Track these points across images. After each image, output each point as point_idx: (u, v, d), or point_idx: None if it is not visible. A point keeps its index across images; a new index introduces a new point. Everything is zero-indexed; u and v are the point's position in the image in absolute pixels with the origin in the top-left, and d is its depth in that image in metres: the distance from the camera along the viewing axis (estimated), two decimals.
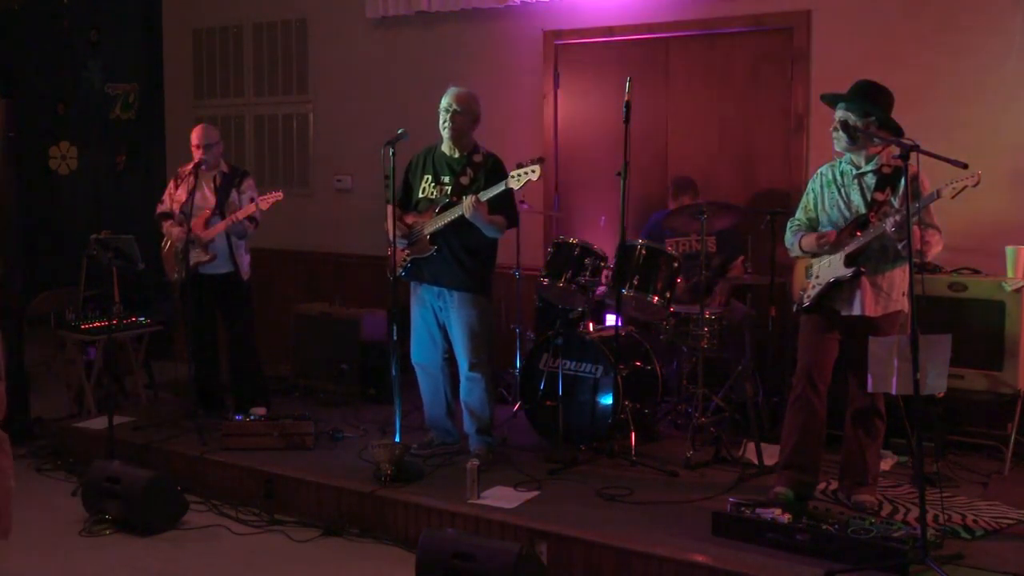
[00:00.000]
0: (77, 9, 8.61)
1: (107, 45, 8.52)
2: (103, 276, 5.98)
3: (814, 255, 4.23)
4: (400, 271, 4.86)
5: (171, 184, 5.76)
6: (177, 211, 5.58)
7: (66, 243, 8.40)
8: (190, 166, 5.61)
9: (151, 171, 8.28)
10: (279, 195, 5.39)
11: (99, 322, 6.21)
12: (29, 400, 5.93)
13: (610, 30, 6.15)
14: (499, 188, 4.58)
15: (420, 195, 4.87)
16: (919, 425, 3.65)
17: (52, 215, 8.92)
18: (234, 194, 5.58)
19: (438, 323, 4.91)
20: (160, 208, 5.73)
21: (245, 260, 5.68)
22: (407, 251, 4.82)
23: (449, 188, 4.77)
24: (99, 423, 5.48)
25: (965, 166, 3.63)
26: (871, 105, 4.02)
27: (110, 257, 5.36)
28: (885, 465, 4.72)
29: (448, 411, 5.05)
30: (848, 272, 4.04)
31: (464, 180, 4.75)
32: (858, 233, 4.02)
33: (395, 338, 4.79)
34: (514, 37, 6.49)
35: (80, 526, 4.56)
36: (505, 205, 4.71)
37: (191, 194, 5.42)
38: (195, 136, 5.58)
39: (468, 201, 4.55)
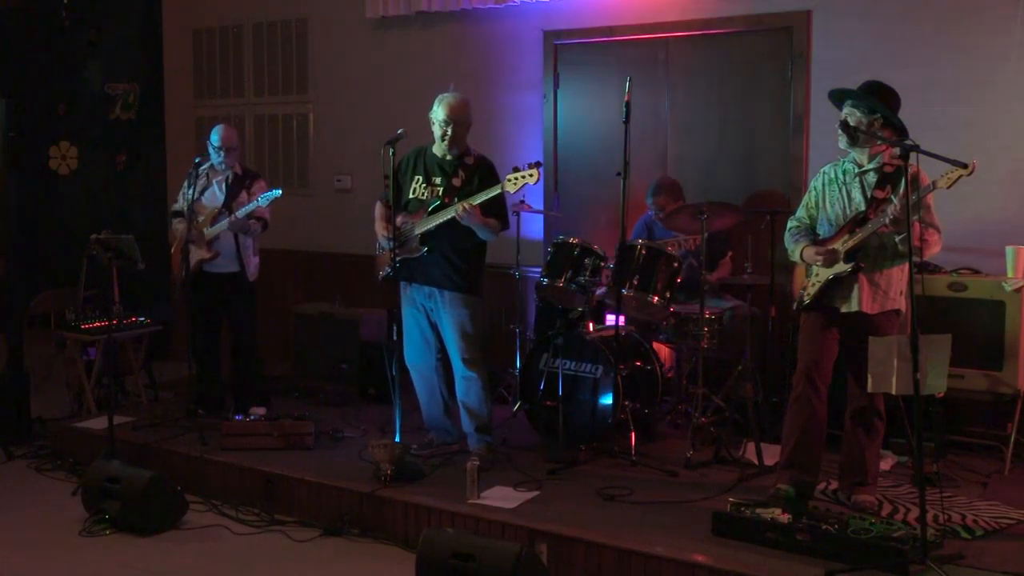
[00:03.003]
0: (77, 9, 8.61)
1: (107, 45, 8.51)
2: (103, 276, 5.98)
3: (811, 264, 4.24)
4: (387, 269, 4.85)
5: (184, 183, 5.77)
6: (186, 208, 5.61)
7: (66, 243, 8.40)
8: (205, 165, 5.63)
9: (151, 171, 8.28)
10: (278, 193, 5.40)
11: (99, 322, 6.20)
12: (29, 400, 5.92)
13: (610, 30, 6.15)
14: (495, 191, 4.58)
15: (410, 196, 4.87)
16: (919, 425, 3.64)
17: (52, 215, 8.92)
18: (244, 195, 5.58)
19: (430, 323, 4.91)
20: (174, 207, 5.76)
21: (253, 261, 5.68)
22: (396, 251, 4.81)
23: (441, 189, 4.77)
24: (99, 423, 5.48)
25: (965, 166, 3.65)
26: (877, 103, 4.03)
27: (110, 257, 5.35)
28: (885, 465, 4.72)
29: (445, 410, 5.05)
30: (847, 268, 4.05)
31: (456, 182, 4.75)
32: (857, 230, 4.03)
33: (395, 338, 4.79)
34: (514, 37, 6.49)
35: (80, 526, 4.56)
36: (497, 208, 4.71)
37: (201, 193, 5.45)
38: (217, 138, 5.59)
39: (461, 206, 4.55)
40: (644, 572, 3.76)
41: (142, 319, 6.40)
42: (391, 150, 4.65)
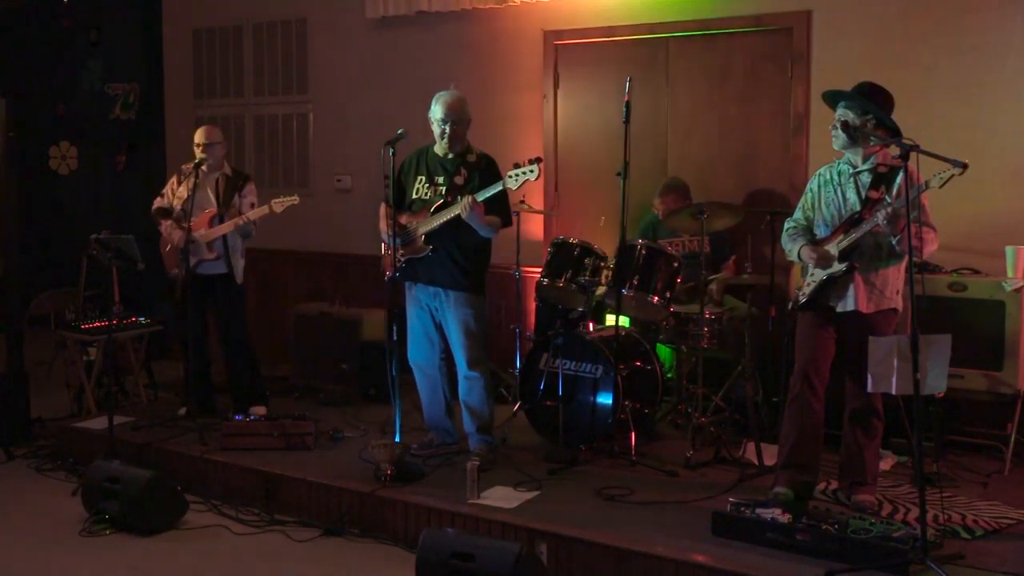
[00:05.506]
0: (77, 9, 8.62)
1: (107, 45, 8.52)
2: (103, 276, 5.98)
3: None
4: (393, 271, 4.85)
5: (173, 179, 5.77)
6: (177, 208, 5.59)
7: (66, 243, 8.40)
8: (191, 165, 5.62)
9: (151, 171, 8.28)
10: (295, 199, 5.44)
11: (99, 322, 6.20)
12: (29, 400, 5.92)
13: (610, 30, 6.15)
14: (496, 188, 4.58)
15: (414, 196, 4.87)
16: (919, 425, 3.65)
17: (52, 215, 8.93)
18: (236, 197, 5.59)
19: (434, 323, 4.91)
20: (159, 203, 5.73)
21: (240, 264, 5.68)
22: (401, 251, 4.81)
23: (444, 188, 4.77)
24: (99, 423, 5.48)
25: (965, 166, 3.64)
26: (870, 104, 4.04)
27: (110, 257, 5.35)
28: (885, 465, 4.72)
29: (447, 411, 5.04)
30: (842, 267, 4.05)
31: (459, 180, 4.75)
32: (852, 230, 4.04)
33: (394, 338, 4.79)
34: (514, 37, 6.49)
35: (80, 526, 4.56)
36: (500, 205, 4.71)
37: (192, 193, 5.43)
38: (197, 135, 5.63)
39: (465, 201, 4.55)
40: (644, 572, 3.76)
41: (142, 319, 6.40)
42: (391, 150, 4.64)
